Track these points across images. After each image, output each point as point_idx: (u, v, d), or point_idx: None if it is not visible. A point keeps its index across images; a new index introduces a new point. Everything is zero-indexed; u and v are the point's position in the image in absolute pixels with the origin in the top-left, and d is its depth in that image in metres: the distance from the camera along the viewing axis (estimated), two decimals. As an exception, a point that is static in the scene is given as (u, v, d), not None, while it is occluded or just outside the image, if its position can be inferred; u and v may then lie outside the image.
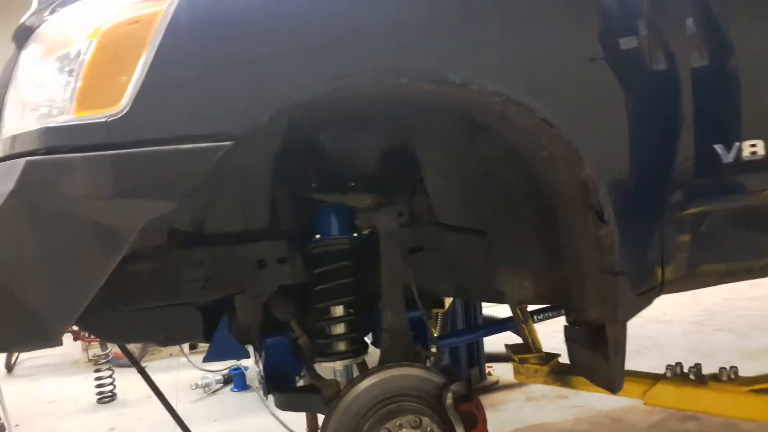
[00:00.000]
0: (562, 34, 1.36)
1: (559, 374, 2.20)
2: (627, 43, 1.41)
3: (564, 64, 1.36)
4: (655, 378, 2.03)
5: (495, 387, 3.55)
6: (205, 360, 1.94)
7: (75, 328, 3.79)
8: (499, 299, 1.89)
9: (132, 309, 1.70)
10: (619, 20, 1.42)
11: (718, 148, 1.50)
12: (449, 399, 1.65)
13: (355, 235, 1.90)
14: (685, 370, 2.01)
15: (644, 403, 2.02)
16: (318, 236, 1.83)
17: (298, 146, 1.70)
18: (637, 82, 1.42)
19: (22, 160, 1.13)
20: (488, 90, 1.28)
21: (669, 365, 2.02)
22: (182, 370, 4.18)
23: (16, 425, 3.65)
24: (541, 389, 3.38)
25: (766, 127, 1.54)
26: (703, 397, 1.95)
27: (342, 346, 1.82)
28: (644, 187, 1.46)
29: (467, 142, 1.66)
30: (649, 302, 1.57)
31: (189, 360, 4.07)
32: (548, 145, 1.39)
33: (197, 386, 4.02)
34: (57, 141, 1.15)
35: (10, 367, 5.03)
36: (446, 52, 1.27)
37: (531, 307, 2.23)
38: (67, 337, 4.08)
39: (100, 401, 4.04)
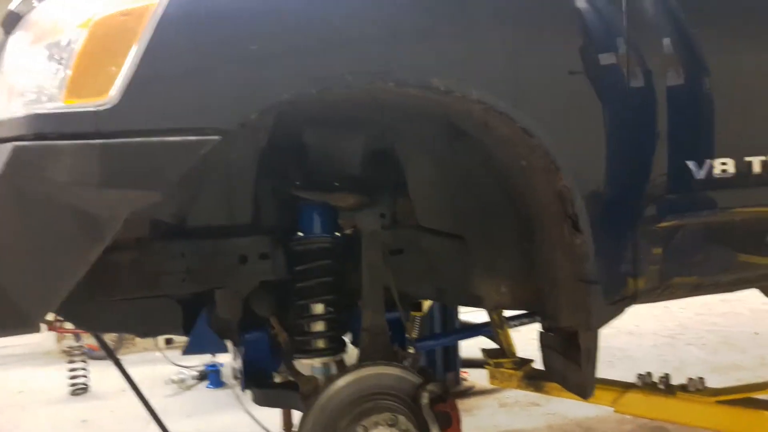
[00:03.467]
0: (545, 47, 1.40)
1: (533, 379, 2.24)
2: (606, 59, 1.46)
3: (546, 76, 1.40)
4: (625, 386, 2.07)
5: (470, 392, 3.58)
6: (185, 353, 1.95)
7: (50, 317, 3.76)
8: (476, 303, 1.92)
9: (112, 299, 1.71)
10: (600, 36, 1.46)
11: (691, 164, 1.54)
12: (425, 399, 1.67)
13: (337, 234, 1.92)
14: (655, 379, 2.06)
15: (614, 411, 2.07)
16: (300, 234, 1.86)
17: (284, 144, 1.72)
18: (614, 96, 1.46)
19: (10, 145, 1.14)
20: (471, 98, 1.31)
21: (639, 374, 2.07)
22: (157, 365, 4.14)
23: (-15, 414, 3.62)
24: (514, 396, 3.42)
25: (736, 146, 1.59)
26: (672, 407, 2.00)
27: (321, 344, 1.84)
28: (619, 199, 1.50)
29: (449, 148, 1.69)
30: (621, 311, 1.61)
31: (164, 355, 4.04)
32: (527, 155, 1.42)
33: (172, 381, 4.00)
34: (45, 127, 1.16)
35: (-20, 356, 4.97)
36: (433, 59, 1.30)
37: (507, 313, 2.27)
38: (40, 327, 4.04)
39: (72, 393, 4.00)
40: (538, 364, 1.97)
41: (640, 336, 4.60)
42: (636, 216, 1.54)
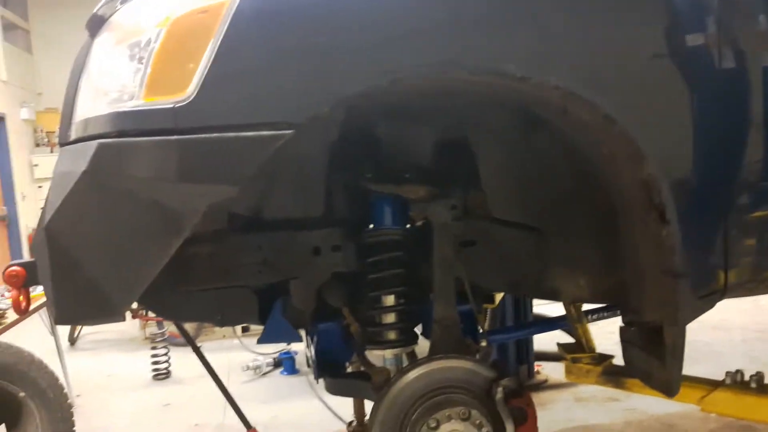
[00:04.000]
0: (627, 29, 1.33)
1: (612, 375, 2.16)
2: (694, 39, 1.37)
3: (628, 59, 1.32)
4: (713, 384, 1.98)
5: (543, 386, 3.51)
6: (260, 341, 1.99)
7: (134, 306, 3.95)
8: (552, 296, 1.87)
9: (191, 289, 1.76)
10: (687, 16, 1.37)
11: (791, 150, 1.44)
12: (499, 393, 1.64)
13: (409, 226, 1.91)
14: (746, 378, 1.94)
15: (701, 410, 1.97)
16: (372, 226, 1.85)
17: (355, 136, 1.71)
18: (703, 79, 1.37)
19: (95, 142, 1.20)
20: (549, 84, 1.26)
21: (729, 372, 1.96)
22: (234, 352, 4.29)
23: (77, 396, 3.83)
24: (590, 390, 3.32)
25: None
26: (765, 407, 1.88)
27: (392, 335, 1.83)
28: (709, 188, 1.42)
29: (524, 136, 1.64)
30: (710, 306, 1.52)
31: (241, 342, 4.17)
32: (610, 142, 1.36)
33: (248, 368, 4.12)
34: (126, 125, 1.20)
35: (72, 341, 5.27)
36: (507, 45, 1.26)
37: (585, 306, 2.19)
38: (126, 315, 4.24)
39: (155, 377, 4.20)
40: (619, 360, 1.90)
41: (727, 330, 4.36)
42: (727, 205, 1.45)
